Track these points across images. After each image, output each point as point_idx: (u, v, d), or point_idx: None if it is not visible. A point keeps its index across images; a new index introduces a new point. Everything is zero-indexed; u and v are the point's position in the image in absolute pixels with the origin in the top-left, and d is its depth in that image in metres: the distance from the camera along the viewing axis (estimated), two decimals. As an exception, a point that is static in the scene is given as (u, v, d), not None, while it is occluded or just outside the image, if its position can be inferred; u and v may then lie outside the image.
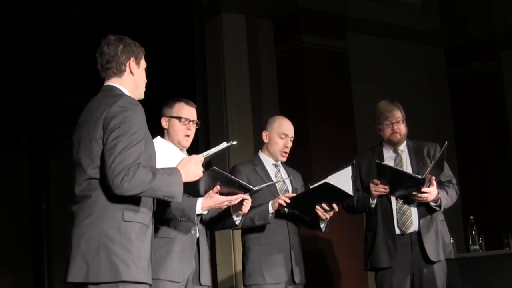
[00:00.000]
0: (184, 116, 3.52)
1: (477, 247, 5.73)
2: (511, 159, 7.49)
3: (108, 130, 2.61)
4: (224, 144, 3.10)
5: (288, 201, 3.71)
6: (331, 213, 3.81)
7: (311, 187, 3.77)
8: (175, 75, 8.63)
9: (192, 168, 2.83)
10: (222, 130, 6.40)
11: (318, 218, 3.85)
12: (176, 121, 3.51)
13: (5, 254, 10.86)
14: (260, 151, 4.12)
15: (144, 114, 2.73)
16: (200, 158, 2.88)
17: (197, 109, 3.62)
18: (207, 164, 3.05)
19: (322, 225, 3.91)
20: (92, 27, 8.01)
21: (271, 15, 6.90)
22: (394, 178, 3.87)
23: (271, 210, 3.76)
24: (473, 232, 5.77)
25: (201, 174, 2.89)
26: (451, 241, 4.35)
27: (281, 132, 4.00)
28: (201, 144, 6.42)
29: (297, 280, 3.87)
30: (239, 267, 6.04)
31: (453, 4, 7.86)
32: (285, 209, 3.79)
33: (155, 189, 2.61)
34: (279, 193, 3.92)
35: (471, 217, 5.87)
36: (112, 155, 2.56)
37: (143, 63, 2.90)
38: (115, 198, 2.60)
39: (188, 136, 3.51)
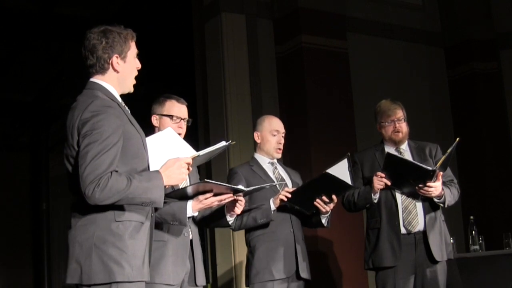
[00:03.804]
0: (175, 115, 3.45)
1: (477, 247, 5.74)
2: (511, 159, 7.50)
3: (80, 137, 2.53)
4: (221, 143, 3.01)
5: (289, 195, 3.74)
6: (331, 205, 3.81)
7: (310, 179, 3.80)
8: (175, 75, 8.62)
9: (176, 172, 2.66)
10: (222, 130, 6.40)
11: (319, 213, 3.86)
12: (168, 119, 3.44)
13: (5, 254, 10.85)
14: (254, 152, 4.14)
15: (120, 115, 2.59)
16: (186, 160, 2.72)
17: (187, 106, 3.54)
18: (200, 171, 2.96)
19: (324, 220, 3.92)
20: (92, 27, 8.00)
21: (271, 15, 6.90)
22: (402, 170, 3.84)
23: (273, 207, 3.80)
24: (473, 232, 5.78)
25: (185, 178, 2.75)
26: (451, 241, 4.36)
27: (273, 129, 4.04)
28: (201, 144, 6.43)
29: (303, 275, 3.86)
30: (239, 267, 6.05)
31: (453, 4, 7.87)
32: (287, 204, 3.80)
33: (131, 197, 2.50)
34: (279, 190, 3.93)
35: (471, 217, 5.88)
36: (84, 164, 2.47)
37: (130, 54, 2.72)
38: None
39: (179, 134, 3.40)
